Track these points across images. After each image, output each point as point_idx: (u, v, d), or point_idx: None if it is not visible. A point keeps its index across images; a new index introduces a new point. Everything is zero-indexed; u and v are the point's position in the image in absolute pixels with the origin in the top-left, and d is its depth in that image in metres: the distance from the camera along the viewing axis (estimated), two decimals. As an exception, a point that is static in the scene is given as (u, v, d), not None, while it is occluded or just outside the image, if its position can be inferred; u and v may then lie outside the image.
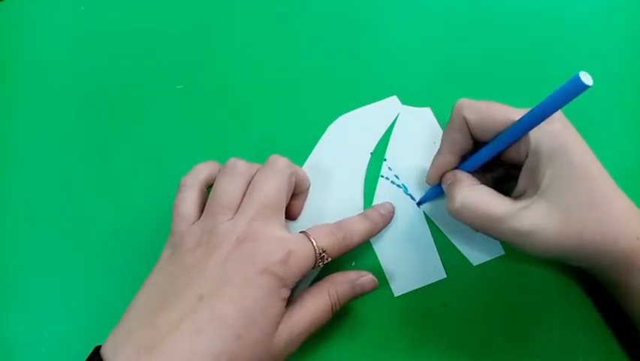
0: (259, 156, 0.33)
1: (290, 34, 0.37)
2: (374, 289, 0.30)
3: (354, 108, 0.35)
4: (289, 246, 0.27)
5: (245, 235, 0.27)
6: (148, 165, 0.36)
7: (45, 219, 0.36)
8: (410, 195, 0.34)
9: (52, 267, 0.36)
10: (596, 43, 0.35)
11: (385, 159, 0.34)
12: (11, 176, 0.37)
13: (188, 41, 0.37)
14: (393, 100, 0.35)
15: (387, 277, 0.33)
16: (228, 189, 0.29)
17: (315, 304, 0.28)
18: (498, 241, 0.33)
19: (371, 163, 0.34)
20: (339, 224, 0.30)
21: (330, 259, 0.29)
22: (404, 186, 0.34)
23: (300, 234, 0.29)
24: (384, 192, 0.34)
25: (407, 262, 0.33)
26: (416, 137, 0.34)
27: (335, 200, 0.33)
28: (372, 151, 0.34)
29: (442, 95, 0.35)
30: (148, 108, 0.37)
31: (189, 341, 0.24)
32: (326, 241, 0.28)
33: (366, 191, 0.34)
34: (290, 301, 0.28)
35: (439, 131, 0.34)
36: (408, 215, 0.33)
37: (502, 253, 0.32)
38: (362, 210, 0.34)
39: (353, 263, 0.34)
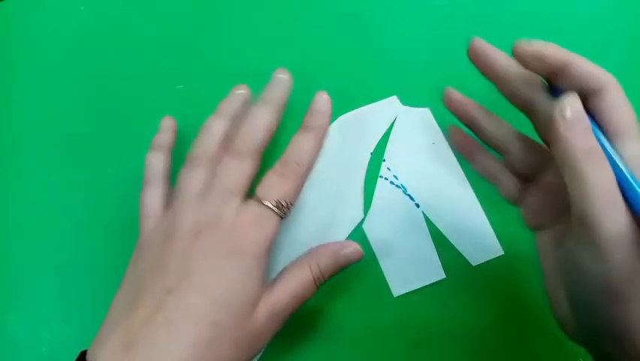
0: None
1: (290, 34, 0.37)
2: (361, 259, 0.29)
3: (354, 108, 0.35)
4: (244, 220, 0.26)
5: (202, 223, 0.26)
6: (148, 165, 0.36)
7: (45, 219, 0.36)
8: (409, 195, 0.34)
9: (52, 267, 0.36)
10: (597, 42, 0.35)
11: (384, 160, 0.34)
12: (11, 175, 0.37)
13: (188, 41, 0.37)
14: (393, 100, 0.35)
15: (387, 278, 0.33)
16: (193, 178, 0.28)
17: (296, 279, 0.27)
18: (497, 241, 0.33)
19: (370, 163, 0.34)
20: (282, 159, 0.28)
21: (292, 202, 0.28)
22: (403, 187, 0.34)
23: (251, 201, 0.27)
24: (384, 193, 0.34)
25: (406, 262, 0.33)
26: (415, 137, 0.34)
27: (334, 200, 0.33)
28: (372, 151, 0.34)
29: (442, 95, 0.35)
30: (148, 108, 0.37)
31: (163, 334, 0.24)
32: (277, 191, 0.27)
33: (366, 192, 0.34)
34: (271, 278, 0.27)
35: (438, 132, 0.34)
36: (407, 216, 0.33)
37: (502, 253, 0.32)
38: (361, 210, 0.34)
39: (353, 263, 0.34)
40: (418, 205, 0.34)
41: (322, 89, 0.35)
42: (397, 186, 0.34)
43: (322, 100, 0.29)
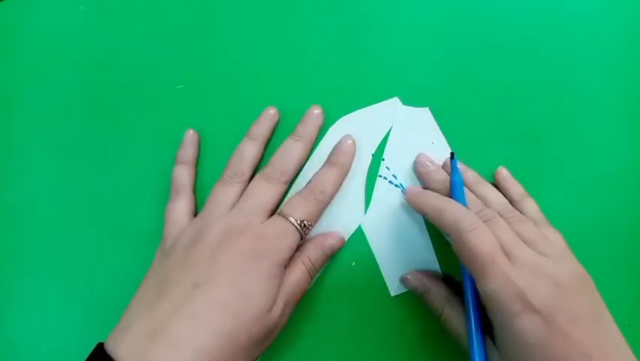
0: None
1: (290, 35, 0.37)
2: (343, 244, 0.33)
3: (354, 109, 0.35)
4: (270, 231, 0.30)
5: (231, 229, 0.29)
6: (148, 164, 0.36)
7: (45, 219, 0.36)
8: None
9: (52, 267, 0.36)
10: (597, 42, 0.35)
11: (383, 159, 0.34)
12: (11, 176, 0.37)
13: (188, 41, 0.37)
14: (395, 101, 0.35)
15: (385, 277, 0.33)
16: (226, 192, 0.32)
17: (296, 275, 0.30)
18: None
19: (371, 164, 0.34)
20: (308, 187, 0.32)
21: (312, 224, 0.31)
22: (402, 186, 0.34)
23: (278, 216, 0.31)
24: (383, 192, 0.34)
25: (404, 262, 0.33)
26: (414, 137, 0.34)
27: (336, 201, 0.33)
28: (373, 153, 0.34)
29: (443, 95, 0.35)
30: (148, 108, 0.37)
31: (188, 324, 0.26)
32: (301, 212, 0.31)
33: (366, 192, 0.34)
34: None
35: (437, 132, 0.34)
36: (405, 215, 0.33)
37: None
38: (363, 212, 0.34)
39: (353, 263, 0.34)
40: None
41: (322, 89, 0.35)
42: (396, 185, 0.34)
43: (348, 143, 0.33)
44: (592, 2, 0.35)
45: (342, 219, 0.33)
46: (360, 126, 0.35)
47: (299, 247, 0.31)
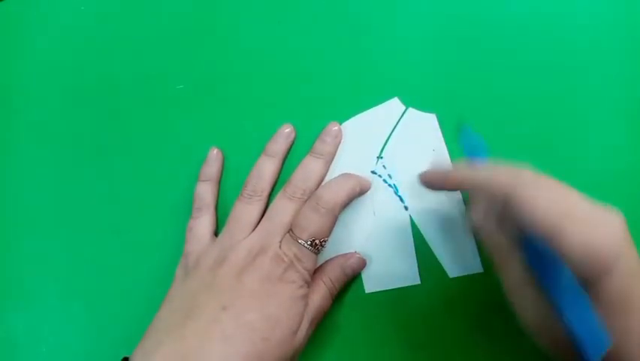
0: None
1: (291, 35, 0.36)
2: (364, 266, 0.33)
3: (356, 110, 0.35)
4: (288, 254, 0.29)
5: (258, 249, 0.29)
6: (148, 164, 0.36)
7: (45, 219, 0.36)
8: (400, 196, 0.34)
9: (52, 267, 0.36)
10: (597, 42, 0.35)
11: (381, 157, 0.34)
12: (11, 176, 0.37)
13: (188, 41, 0.37)
14: (395, 102, 0.35)
15: (362, 273, 0.33)
16: (247, 211, 0.32)
17: (318, 296, 0.31)
18: (478, 258, 0.32)
19: (367, 162, 0.34)
20: (317, 195, 0.31)
21: (325, 239, 0.30)
22: (395, 187, 0.34)
23: (291, 240, 0.30)
24: (374, 190, 0.34)
25: (384, 261, 0.33)
26: (416, 140, 0.34)
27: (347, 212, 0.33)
28: (377, 156, 0.34)
29: (446, 97, 0.34)
30: (148, 108, 0.37)
31: (219, 347, 0.26)
32: (313, 227, 0.30)
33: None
34: None
35: (440, 139, 0.34)
36: (394, 216, 0.33)
37: (481, 270, 0.32)
38: (372, 217, 0.34)
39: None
40: (406, 208, 0.33)
41: (324, 90, 0.35)
42: (389, 185, 0.34)
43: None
44: (592, 3, 0.35)
45: (354, 224, 0.34)
46: (363, 130, 0.34)
47: (320, 267, 0.32)
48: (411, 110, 0.34)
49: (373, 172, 0.34)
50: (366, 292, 0.33)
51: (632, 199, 0.33)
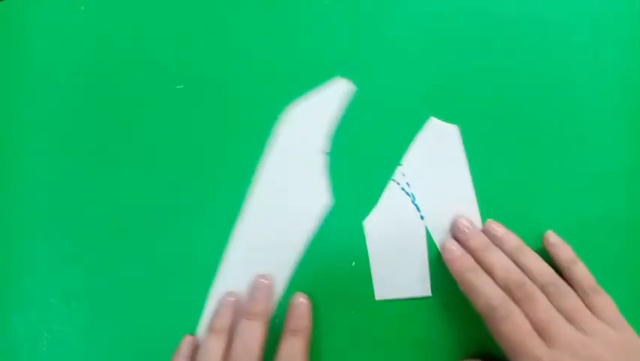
0: (259, 157, 0.34)
1: (292, 35, 0.36)
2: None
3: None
4: None
5: None
6: (148, 165, 0.36)
7: (45, 219, 0.36)
8: (417, 205, 0.33)
9: (52, 267, 0.36)
10: (597, 42, 0.35)
11: (401, 164, 0.34)
12: (11, 176, 0.37)
13: (188, 41, 0.37)
14: (339, 81, 0.35)
15: (373, 279, 0.33)
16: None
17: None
18: None
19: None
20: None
21: None
22: (413, 196, 0.33)
23: None
24: (392, 196, 0.33)
25: (396, 270, 0.33)
26: (437, 151, 0.34)
27: (297, 190, 0.34)
28: (327, 134, 0.34)
29: (443, 96, 0.35)
30: (148, 108, 0.37)
31: None
32: None
33: (374, 191, 0.34)
34: None
35: (461, 152, 0.34)
36: (409, 225, 0.33)
37: None
38: (329, 194, 0.34)
39: (353, 263, 0.34)
40: (422, 217, 0.33)
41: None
42: (407, 193, 0.34)
43: (300, 302, 0.32)
44: (592, 3, 0.35)
45: (308, 205, 0.34)
46: (310, 111, 0.35)
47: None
48: (433, 119, 0.34)
49: (393, 179, 0.34)
50: (377, 299, 0.33)
51: (632, 199, 0.33)
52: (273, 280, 0.33)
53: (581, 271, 0.30)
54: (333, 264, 0.34)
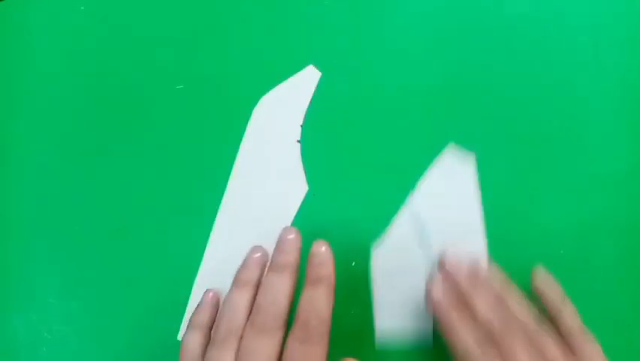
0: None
1: (292, 35, 0.36)
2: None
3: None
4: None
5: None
6: (148, 165, 0.36)
7: (45, 219, 0.36)
8: (426, 235, 0.33)
9: (52, 267, 0.36)
10: (596, 42, 0.35)
11: (417, 190, 0.33)
12: (11, 176, 0.37)
13: (188, 41, 0.37)
14: (310, 69, 0.35)
15: (374, 314, 0.32)
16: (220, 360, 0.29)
17: None
18: None
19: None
20: (300, 320, 0.27)
21: None
22: (424, 225, 0.33)
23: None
24: (404, 223, 0.33)
25: (398, 304, 0.32)
26: (453, 180, 0.33)
27: (273, 179, 0.34)
28: (301, 124, 0.34)
29: (443, 96, 0.35)
30: (148, 108, 0.37)
31: None
32: None
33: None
34: None
35: (474, 181, 0.33)
36: (414, 260, 0.33)
37: None
38: (305, 182, 0.34)
39: (353, 263, 0.34)
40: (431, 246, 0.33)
41: (325, 92, 0.35)
42: (419, 220, 0.33)
43: (322, 251, 0.29)
44: (592, 3, 0.35)
45: (285, 194, 0.34)
46: (283, 101, 0.35)
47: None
48: (452, 146, 0.34)
49: (406, 206, 0.33)
50: (376, 341, 0.32)
51: (632, 200, 0.33)
52: (300, 235, 0.30)
53: (568, 313, 0.29)
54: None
